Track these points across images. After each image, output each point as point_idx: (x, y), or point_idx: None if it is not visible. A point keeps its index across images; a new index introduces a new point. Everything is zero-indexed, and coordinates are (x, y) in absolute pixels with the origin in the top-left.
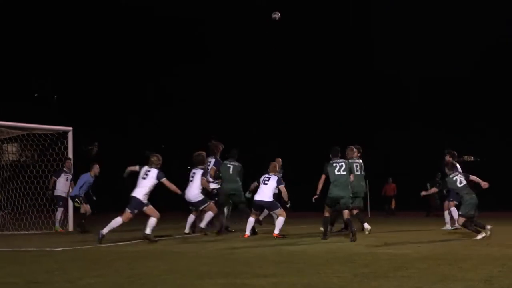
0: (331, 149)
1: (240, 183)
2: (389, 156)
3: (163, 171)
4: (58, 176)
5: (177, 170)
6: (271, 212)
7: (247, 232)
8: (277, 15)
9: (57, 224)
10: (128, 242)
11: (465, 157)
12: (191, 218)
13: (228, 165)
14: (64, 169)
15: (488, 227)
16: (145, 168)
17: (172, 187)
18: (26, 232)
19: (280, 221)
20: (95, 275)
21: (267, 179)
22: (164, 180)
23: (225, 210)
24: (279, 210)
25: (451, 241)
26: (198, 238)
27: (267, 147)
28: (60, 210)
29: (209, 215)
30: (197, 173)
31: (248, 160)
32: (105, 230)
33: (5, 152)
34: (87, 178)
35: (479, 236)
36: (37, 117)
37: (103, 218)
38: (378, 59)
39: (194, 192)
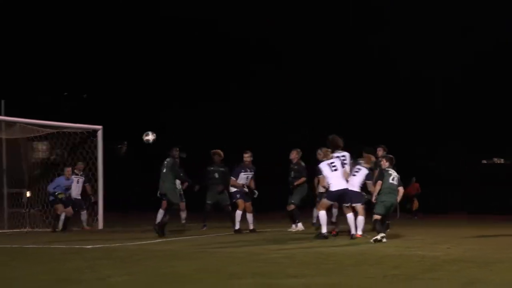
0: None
1: (173, 182)
2: (413, 155)
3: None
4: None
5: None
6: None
7: (359, 232)
8: None
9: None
10: (157, 241)
11: (495, 160)
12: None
13: (164, 162)
14: (75, 171)
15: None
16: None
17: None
18: (56, 230)
19: (361, 220)
20: (124, 273)
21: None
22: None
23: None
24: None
25: (482, 244)
26: (228, 237)
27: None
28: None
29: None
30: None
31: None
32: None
33: (35, 150)
34: (60, 181)
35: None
36: (67, 115)
37: (131, 216)
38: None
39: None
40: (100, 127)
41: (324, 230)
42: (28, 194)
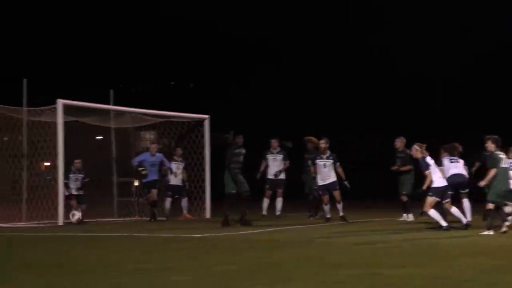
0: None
1: (228, 172)
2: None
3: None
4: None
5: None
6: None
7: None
8: None
9: (167, 213)
10: (263, 231)
11: None
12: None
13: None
14: (174, 157)
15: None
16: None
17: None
18: (163, 219)
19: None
20: (230, 262)
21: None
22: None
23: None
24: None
25: None
26: (334, 227)
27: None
28: (168, 200)
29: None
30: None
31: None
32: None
33: (142, 139)
34: (145, 156)
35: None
36: (174, 105)
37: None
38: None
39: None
40: (207, 116)
41: (443, 223)
42: (136, 183)
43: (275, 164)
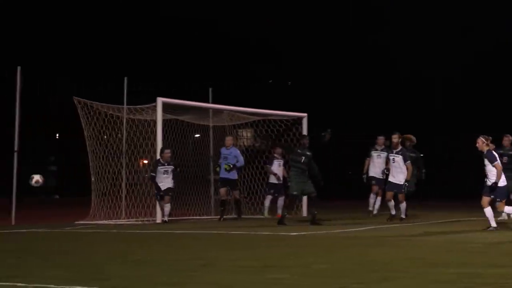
0: None
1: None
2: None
3: None
4: (270, 163)
5: None
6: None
7: None
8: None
9: (265, 211)
10: (361, 229)
11: None
12: None
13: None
14: (275, 155)
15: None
16: None
17: None
18: (261, 217)
19: None
20: (327, 260)
21: None
22: None
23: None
24: None
25: None
26: (431, 227)
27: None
28: (268, 198)
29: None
30: None
31: None
32: None
33: (240, 137)
34: (221, 151)
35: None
36: (272, 103)
37: (336, 203)
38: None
39: None
40: (305, 114)
41: (493, 224)
42: None
43: (378, 162)
